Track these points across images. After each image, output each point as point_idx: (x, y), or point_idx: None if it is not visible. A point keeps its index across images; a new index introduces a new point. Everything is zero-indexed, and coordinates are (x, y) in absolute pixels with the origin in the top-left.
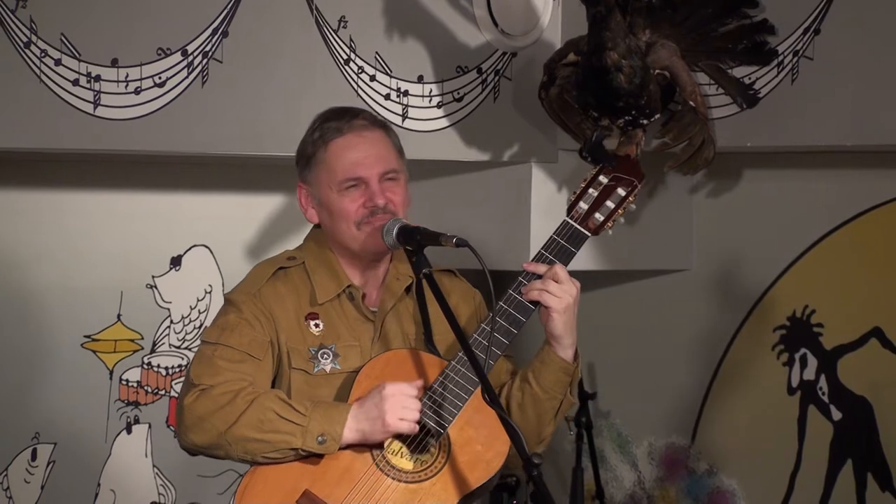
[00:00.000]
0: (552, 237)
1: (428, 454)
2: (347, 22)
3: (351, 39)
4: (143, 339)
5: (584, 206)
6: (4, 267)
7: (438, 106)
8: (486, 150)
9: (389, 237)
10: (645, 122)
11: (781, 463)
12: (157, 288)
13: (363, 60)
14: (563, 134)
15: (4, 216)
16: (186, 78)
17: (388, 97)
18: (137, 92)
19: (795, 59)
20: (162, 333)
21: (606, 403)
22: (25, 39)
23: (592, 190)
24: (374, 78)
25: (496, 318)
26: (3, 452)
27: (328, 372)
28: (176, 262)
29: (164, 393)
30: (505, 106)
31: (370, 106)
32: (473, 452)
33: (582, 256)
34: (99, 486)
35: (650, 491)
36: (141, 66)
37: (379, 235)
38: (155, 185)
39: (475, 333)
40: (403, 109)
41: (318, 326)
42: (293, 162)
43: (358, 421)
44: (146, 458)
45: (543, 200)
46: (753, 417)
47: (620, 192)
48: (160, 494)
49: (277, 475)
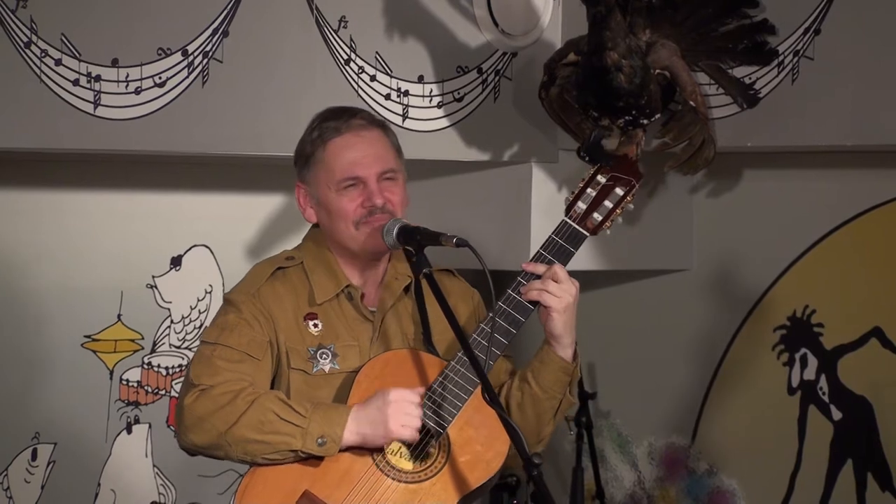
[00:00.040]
0: (551, 237)
1: (428, 454)
2: (348, 22)
3: (351, 39)
4: (143, 339)
5: (582, 205)
6: (4, 267)
7: (439, 106)
8: (486, 150)
9: (389, 237)
10: (645, 121)
11: (781, 463)
12: (157, 288)
13: (363, 60)
14: (563, 134)
15: (4, 216)
16: (187, 78)
17: (388, 97)
18: (138, 92)
19: (796, 59)
20: (162, 333)
21: (606, 403)
22: (26, 39)
23: (590, 190)
24: (374, 78)
25: (496, 318)
26: (3, 452)
27: (327, 372)
28: (176, 262)
29: (164, 393)
30: (505, 106)
31: (370, 106)
32: (473, 452)
33: (582, 256)
34: (99, 486)
35: (650, 491)
36: (141, 66)
37: (378, 235)
38: (155, 185)
39: (474, 333)
40: (404, 109)
41: (316, 326)
42: (293, 162)
43: (359, 424)
44: (146, 458)
45: (544, 200)
46: (753, 417)
47: (618, 191)
48: (160, 494)
49: (277, 476)
